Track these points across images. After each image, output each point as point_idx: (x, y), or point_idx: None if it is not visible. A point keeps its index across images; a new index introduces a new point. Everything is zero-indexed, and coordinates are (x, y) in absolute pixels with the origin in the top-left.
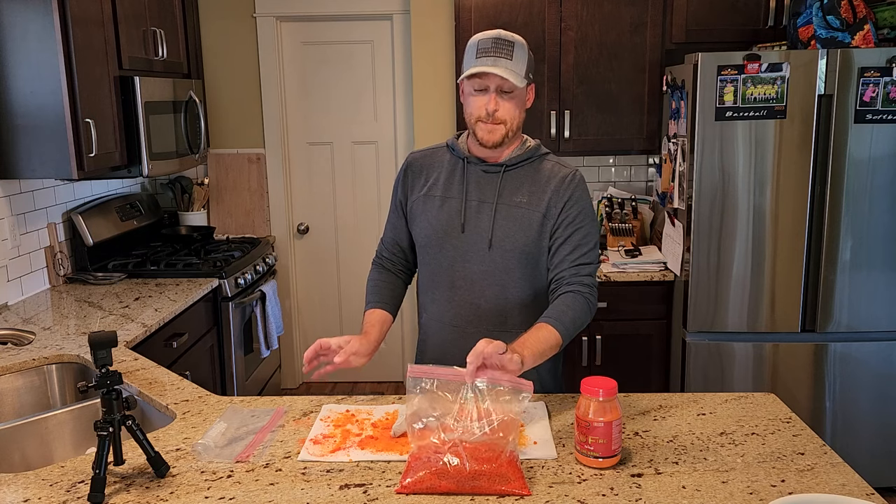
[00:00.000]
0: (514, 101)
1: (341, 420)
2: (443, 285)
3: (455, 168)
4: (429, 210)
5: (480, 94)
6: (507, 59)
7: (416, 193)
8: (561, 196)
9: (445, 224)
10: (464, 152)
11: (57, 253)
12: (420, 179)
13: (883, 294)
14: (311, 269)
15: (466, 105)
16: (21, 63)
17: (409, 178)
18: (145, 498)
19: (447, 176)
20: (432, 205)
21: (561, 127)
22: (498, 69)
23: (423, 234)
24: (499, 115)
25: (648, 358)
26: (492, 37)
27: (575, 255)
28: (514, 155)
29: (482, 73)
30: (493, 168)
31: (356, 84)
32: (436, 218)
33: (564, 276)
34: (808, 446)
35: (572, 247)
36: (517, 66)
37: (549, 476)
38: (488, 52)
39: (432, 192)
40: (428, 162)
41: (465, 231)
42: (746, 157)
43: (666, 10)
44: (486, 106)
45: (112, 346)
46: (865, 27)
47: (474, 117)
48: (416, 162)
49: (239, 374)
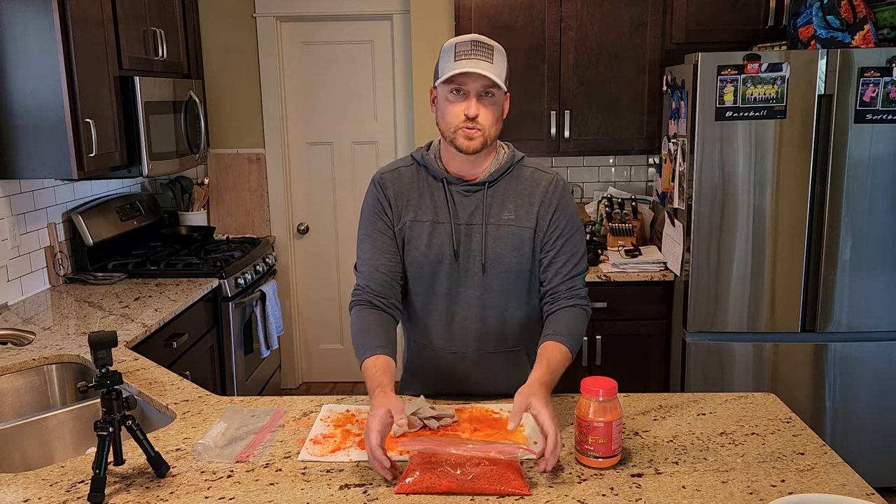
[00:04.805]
0: (493, 107)
1: (341, 420)
2: (439, 313)
3: (435, 190)
4: (418, 237)
5: (459, 100)
6: (488, 61)
7: (404, 218)
8: (548, 207)
9: (438, 251)
10: (440, 171)
11: (57, 253)
12: (401, 201)
13: (883, 294)
14: (311, 269)
15: (444, 114)
16: (21, 63)
17: (390, 199)
18: (145, 498)
19: (430, 198)
20: (421, 231)
21: (561, 127)
22: (480, 69)
23: (416, 263)
24: (479, 120)
25: (648, 358)
26: (469, 39)
27: (568, 268)
28: (492, 170)
29: (463, 75)
30: (474, 187)
31: (356, 84)
32: (427, 245)
33: (560, 291)
34: (808, 446)
35: (565, 258)
36: (497, 69)
37: (549, 476)
38: (468, 55)
39: (419, 218)
40: (403, 183)
41: (459, 257)
42: (746, 157)
43: (666, 10)
44: (467, 111)
45: (112, 346)
46: (865, 27)
47: (453, 126)
48: (392, 183)
49: (239, 374)
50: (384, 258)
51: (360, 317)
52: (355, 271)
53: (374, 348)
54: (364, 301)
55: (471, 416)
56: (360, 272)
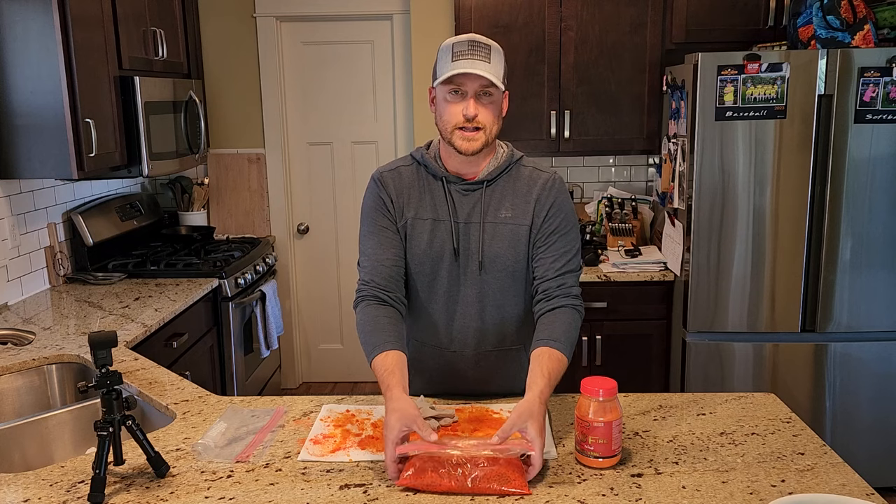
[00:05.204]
0: (492, 106)
1: (341, 420)
2: (439, 312)
3: (435, 188)
4: (420, 234)
5: (457, 100)
6: (486, 61)
7: (406, 215)
8: (544, 204)
9: (440, 249)
10: (439, 170)
11: (57, 253)
12: (402, 199)
13: (883, 294)
14: (311, 269)
15: (441, 113)
16: (21, 63)
17: (391, 196)
18: (145, 498)
19: (430, 197)
20: (423, 228)
21: (561, 127)
22: (477, 70)
23: (418, 261)
24: (479, 119)
25: (648, 358)
26: (467, 40)
27: (560, 263)
28: (491, 169)
29: (461, 75)
30: (473, 186)
31: (356, 84)
32: (429, 243)
33: (551, 289)
34: (808, 446)
35: (557, 254)
36: (495, 69)
37: (549, 476)
38: (465, 55)
39: (420, 215)
40: (403, 181)
41: (459, 255)
42: (746, 157)
43: (666, 10)
44: (465, 111)
45: (112, 346)
46: (865, 27)
47: (451, 125)
48: (392, 180)
49: (239, 374)
50: (388, 253)
51: (367, 312)
52: (358, 267)
53: (383, 344)
54: (370, 296)
55: (471, 415)
56: (363, 267)
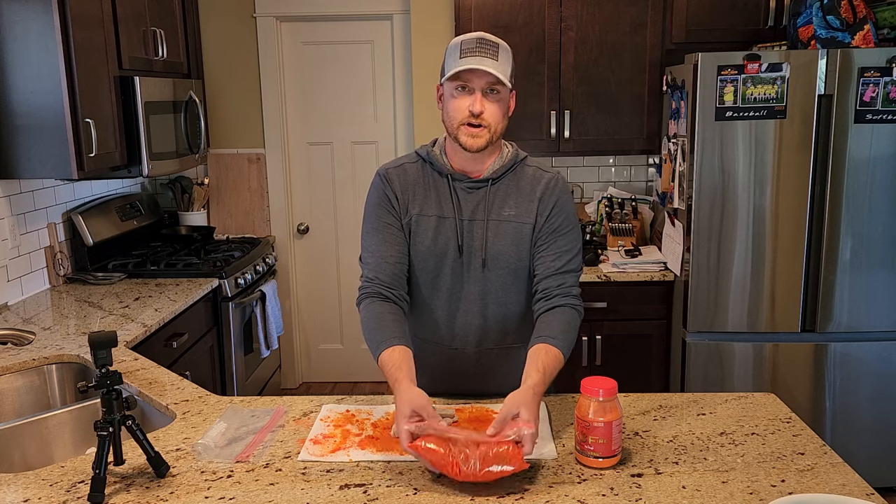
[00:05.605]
0: (498, 103)
1: (341, 420)
2: (441, 309)
3: (440, 185)
4: (425, 231)
5: (464, 96)
6: (493, 59)
7: (411, 212)
8: (547, 202)
9: (444, 245)
10: (445, 167)
11: (57, 253)
12: (407, 196)
13: (883, 294)
14: (311, 269)
15: (448, 109)
16: (21, 63)
17: (396, 193)
18: (145, 498)
19: (435, 194)
20: (428, 225)
21: (561, 127)
22: (484, 66)
23: (422, 257)
24: (484, 116)
25: (648, 358)
26: (475, 37)
27: (560, 262)
28: (496, 167)
29: (468, 71)
30: (478, 184)
31: (356, 84)
32: (433, 240)
33: (551, 288)
34: (808, 446)
35: (558, 253)
36: (503, 66)
37: (549, 476)
38: (473, 52)
39: (425, 212)
40: (408, 178)
41: (463, 252)
42: (746, 157)
43: (666, 10)
44: (472, 107)
45: (112, 346)
46: (865, 27)
47: (457, 121)
48: (397, 177)
49: (239, 374)
50: (392, 249)
51: (371, 309)
52: (361, 263)
53: (389, 339)
54: (375, 293)
55: (471, 416)
56: (366, 264)
